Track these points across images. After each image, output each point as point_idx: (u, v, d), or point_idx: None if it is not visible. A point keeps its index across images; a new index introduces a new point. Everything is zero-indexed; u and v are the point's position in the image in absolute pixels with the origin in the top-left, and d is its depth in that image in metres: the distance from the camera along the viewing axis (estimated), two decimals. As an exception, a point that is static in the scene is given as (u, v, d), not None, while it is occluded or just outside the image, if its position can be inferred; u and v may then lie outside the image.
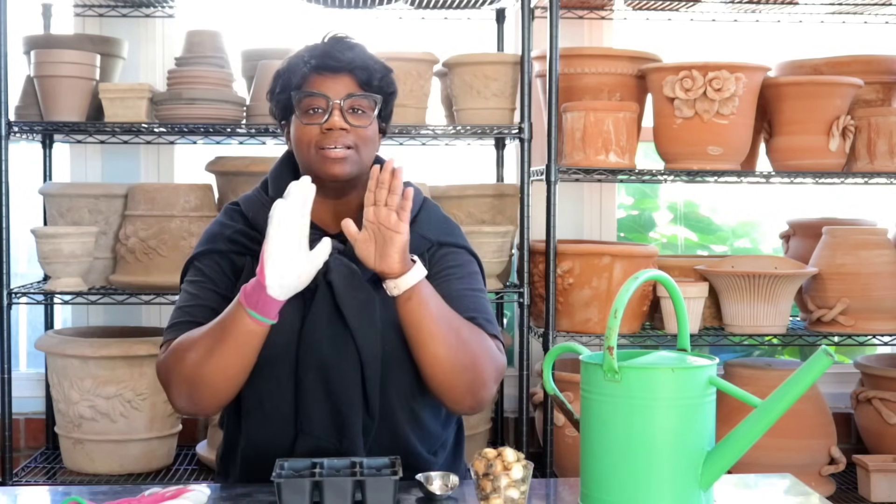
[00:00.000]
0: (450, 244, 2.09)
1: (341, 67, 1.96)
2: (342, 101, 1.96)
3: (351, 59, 1.97)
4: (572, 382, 3.02)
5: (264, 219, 1.89)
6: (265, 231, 1.85)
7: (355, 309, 1.95)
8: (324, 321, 1.95)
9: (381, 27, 3.70)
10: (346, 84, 1.97)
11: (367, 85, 1.99)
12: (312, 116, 1.97)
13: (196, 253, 2.06)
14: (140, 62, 3.64)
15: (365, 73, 1.98)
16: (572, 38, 3.65)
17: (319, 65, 1.97)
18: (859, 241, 3.28)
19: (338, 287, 1.95)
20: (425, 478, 1.92)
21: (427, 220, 2.09)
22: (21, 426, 3.62)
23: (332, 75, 1.97)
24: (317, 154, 1.97)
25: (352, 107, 1.97)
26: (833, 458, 3.28)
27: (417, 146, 3.53)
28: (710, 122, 3.16)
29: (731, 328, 3.24)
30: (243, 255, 2.03)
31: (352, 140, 1.97)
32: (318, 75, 1.97)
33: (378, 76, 2.00)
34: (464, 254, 2.10)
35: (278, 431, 2.00)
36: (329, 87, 1.96)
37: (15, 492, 2.28)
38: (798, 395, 1.70)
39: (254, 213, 2.04)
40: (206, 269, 2.03)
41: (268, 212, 1.88)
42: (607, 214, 3.81)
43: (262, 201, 2.04)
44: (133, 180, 3.56)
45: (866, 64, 3.43)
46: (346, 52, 1.98)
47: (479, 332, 2.00)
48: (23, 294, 3.17)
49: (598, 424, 1.76)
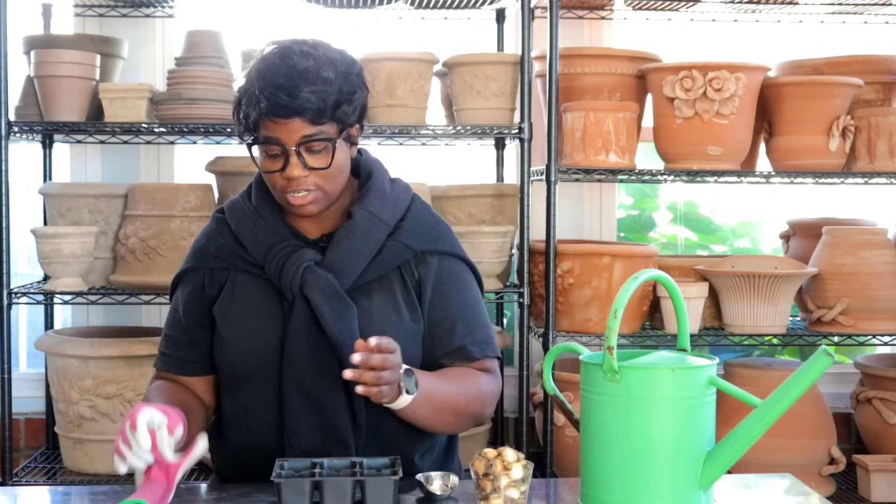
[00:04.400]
0: (439, 252, 2.04)
1: (291, 112, 1.87)
2: (297, 147, 1.89)
3: (300, 101, 1.86)
4: (572, 382, 3.02)
5: (247, 230, 1.98)
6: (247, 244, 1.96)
7: (334, 320, 1.92)
8: (303, 334, 1.93)
9: (381, 27, 3.70)
10: (298, 127, 1.88)
11: (321, 119, 1.89)
12: (273, 161, 1.92)
13: (182, 270, 2.07)
14: (140, 62, 3.64)
15: (316, 112, 1.88)
16: (572, 38, 3.65)
17: (269, 111, 1.87)
18: (859, 241, 3.28)
19: (314, 300, 1.92)
20: (425, 478, 1.92)
21: (413, 226, 2.03)
22: (21, 426, 3.62)
23: (283, 120, 1.88)
24: (283, 198, 1.95)
25: (309, 149, 1.90)
26: (833, 458, 3.28)
27: (417, 146, 3.53)
28: (710, 122, 3.16)
29: (731, 328, 3.24)
30: (226, 269, 2.02)
31: (312, 182, 1.92)
32: (270, 121, 1.89)
33: (332, 103, 1.89)
34: (457, 263, 2.07)
35: (263, 445, 1.98)
36: (282, 131, 1.89)
37: (15, 492, 2.28)
38: (798, 395, 1.70)
39: (236, 223, 2.03)
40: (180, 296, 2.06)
41: (250, 223, 1.98)
42: (607, 214, 3.81)
43: (246, 210, 2.03)
44: (133, 180, 3.55)
45: (866, 64, 3.43)
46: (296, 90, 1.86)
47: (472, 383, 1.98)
48: (23, 294, 3.17)
49: (598, 424, 1.76)
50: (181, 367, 2.06)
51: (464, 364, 2.02)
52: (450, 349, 2.01)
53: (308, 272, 1.93)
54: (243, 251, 1.99)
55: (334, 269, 1.94)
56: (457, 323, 2.01)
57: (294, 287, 1.92)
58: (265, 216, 2.00)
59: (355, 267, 1.96)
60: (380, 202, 2.01)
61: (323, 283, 1.92)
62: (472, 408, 1.99)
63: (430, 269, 2.02)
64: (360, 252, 1.96)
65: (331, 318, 1.91)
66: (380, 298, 1.98)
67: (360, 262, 1.96)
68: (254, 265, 1.99)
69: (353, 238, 1.96)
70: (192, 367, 2.05)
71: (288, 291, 1.94)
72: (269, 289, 1.98)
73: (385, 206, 2.01)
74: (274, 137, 1.90)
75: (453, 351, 2.01)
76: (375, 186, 2.04)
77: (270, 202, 2.01)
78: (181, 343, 2.06)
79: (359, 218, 1.98)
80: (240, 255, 1.99)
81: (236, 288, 2.00)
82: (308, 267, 1.93)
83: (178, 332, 2.06)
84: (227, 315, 1.99)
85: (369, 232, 1.97)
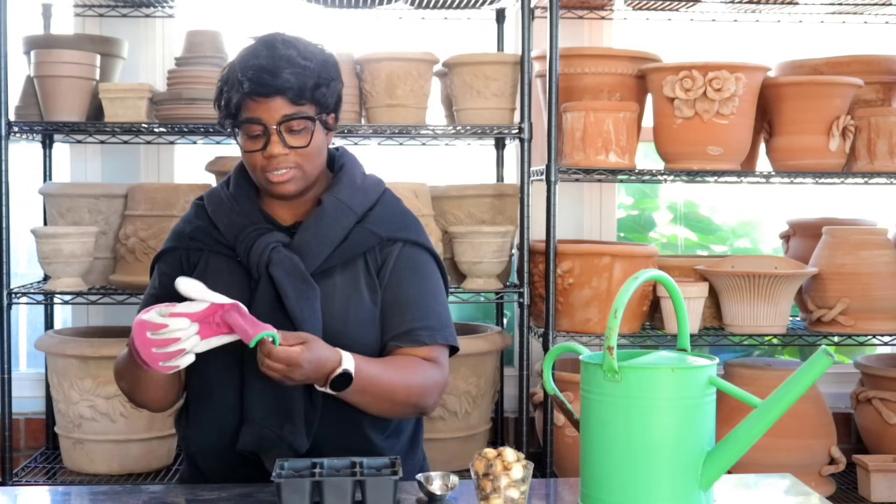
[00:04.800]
0: (403, 239, 2.10)
1: (272, 92, 1.97)
2: (278, 126, 1.99)
3: (282, 81, 1.96)
4: (572, 382, 3.02)
5: (223, 214, 2.07)
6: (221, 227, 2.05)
7: (296, 300, 1.98)
8: (266, 311, 1.97)
9: (381, 27, 3.70)
10: (279, 106, 1.98)
11: (301, 100, 1.99)
12: (254, 141, 2.01)
13: (161, 251, 2.16)
14: (140, 62, 3.64)
15: (297, 91, 1.98)
16: (572, 38, 3.65)
17: (251, 91, 1.98)
18: (859, 241, 3.28)
19: (279, 279, 1.99)
20: (425, 478, 1.92)
21: (381, 215, 2.10)
22: (21, 426, 3.62)
23: (265, 100, 1.98)
24: (263, 177, 2.03)
25: (289, 128, 2.00)
26: (833, 458, 3.28)
27: (417, 146, 3.53)
28: (710, 122, 3.16)
29: (731, 328, 3.24)
30: (200, 251, 2.10)
31: (293, 161, 2.01)
32: (251, 101, 1.99)
33: (311, 86, 1.99)
34: (420, 252, 2.12)
35: (223, 419, 2.03)
36: (264, 111, 1.98)
37: (15, 492, 2.28)
38: (798, 395, 1.70)
39: (214, 209, 2.11)
40: (158, 274, 2.13)
41: (226, 207, 2.07)
42: (607, 214, 3.81)
43: (224, 197, 2.11)
44: (133, 180, 3.56)
45: (866, 64, 3.43)
46: (277, 71, 1.97)
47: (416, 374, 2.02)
48: (23, 294, 3.17)
49: (598, 424, 1.76)
50: None
51: (412, 348, 2.05)
52: (399, 331, 2.06)
53: (274, 252, 2.00)
54: (217, 233, 2.08)
55: (300, 252, 2.01)
56: (409, 306, 2.07)
57: (260, 266, 2.00)
58: (241, 202, 2.09)
59: (321, 250, 2.03)
60: (349, 191, 2.09)
61: (288, 262, 2.00)
62: (412, 399, 2.03)
63: (392, 255, 2.09)
64: (326, 237, 2.03)
65: (293, 296, 1.98)
66: (342, 281, 2.05)
67: (326, 246, 2.03)
68: (226, 247, 2.07)
69: (320, 223, 2.04)
70: None
71: (254, 270, 2.01)
72: (239, 269, 2.05)
73: (354, 195, 2.09)
74: (255, 117, 1.99)
75: (402, 334, 2.05)
76: (346, 177, 2.12)
77: (247, 190, 2.11)
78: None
79: (328, 205, 2.06)
80: (214, 237, 2.08)
81: (208, 268, 2.08)
82: (275, 248, 2.01)
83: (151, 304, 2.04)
84: None
85: (337, 218, 2.05)
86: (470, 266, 3.22)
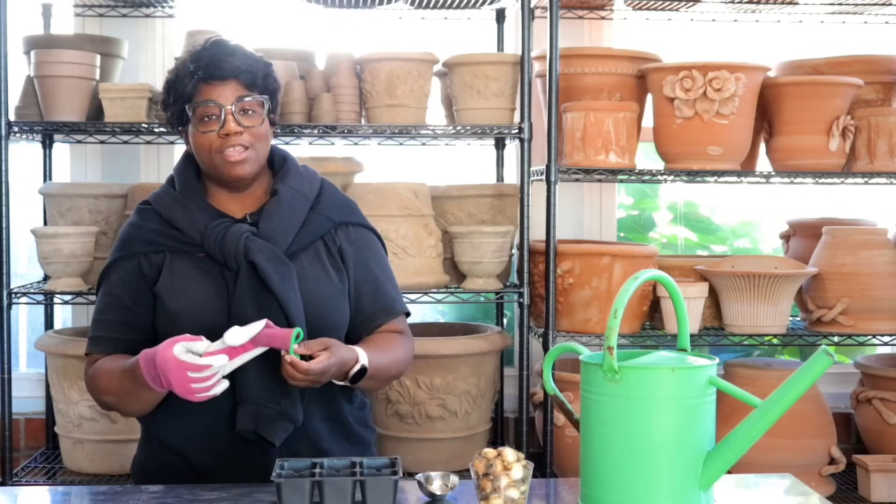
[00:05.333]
0: (352, 223, 2.27)
1: (227, 74, 2.11)
2: (233, 106, 2.11)
3: (235, 65, 2.11)
4: (572, 382, 3.02)
5: (179, 213, 2.14)
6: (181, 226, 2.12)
7: (280, 283, 2.09)
8: (250, 297, 2.09)
9: (381, 27, 3.70)
10: (233, 89, 2.11)
11: (253, 86, 2.13)
12: (208, 124, 2.12)
13: (111, 260, 2.19)
14: (140, 62, 3.64)
15: (249, 76, 2.12)
16: (572, 38, 3.65)
17: (206, 75, 2.11)
18: (859, 241, 3.28)
19: (261, 264, 2.09)
20: (425, 478, 1.92)
21: (329, 201, 2.25)
22: (21, 426, 3.62)
23: (219, 83, 2.11)
24: (219, 158, 2.12)
25: (242, 109, 2.12)
26: (833, 458, 3.28)
27: (417, 146, 3.53)
28: (710, 122, 3.16)
29: (731, 328, 3.24)
30: (161, 252, 2.16)
31: (247, 140, 2.12)
32: (206, 84, 2.11)
33: (261, 75, 2.15)
34: (367, 233, 2.29)
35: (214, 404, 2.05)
36: (218, 94, 2.11)
37: (15, 492, 2.28)
38: (798, 395, 1.71)
39: (167, 210, 2.18)
40: (116, 281, 2.17)
41: (180, 207, 2.15)
42: (607, 214, 3.81)
43: (174, 198, 2.19)
44: (133, 180, 3.55)
45: (866, 64, 3.43)
46: (229, 58, 2.11)
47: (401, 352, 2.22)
48: (23, 294, 3.17)
49: (598, 424, 1.76)
50: (125, 347, 2.14)
51: (391, 322, 2.25)
52: (377, 307, 2.24)
53: (249, 241, 2.10)
54: (177, 233, 2.15)
55: (269, 239, 2.12)
56: (379, 283, 2.25)
57: (238, 255, 2.09)
58: (193, 200, 2.18)
59: (287, 236, 2.15)
60: (298, 180, 2.22)
61: (266, 249, 2.10)
62: (399, 372, 2.26)
63: (348, 239, 2.24)
64: (289, 223, 2.16)
65: (276, 279, 2.09)
66: (308, 264, 2.17)
67: (290, 231, 2.15)
68: (189, 244, 2.14)
69: (282, 210, 2.16)
70: (137, 346, 2.10)
71: (232, 260, 2.10)
72: (207, 263, 2.13)
73: (303, 183, 2.22)
74: (210, 99, 2.11)
75: (380, 309, 2.24)
76: (293, 167, 2.25)
77: (195, 188, 2.19)
78: (123, 325, 2.15)
79: (284, 193, 2.18)
80: (174, 237, 2.15)
81: (174, 267, 2.14)
82: (248, 237, 2.11)
83: (121, 314, 2.15)
84: (170, 290, 2.13)
85: (294, 206, 2.18)
86: (470, 266, 3.22)
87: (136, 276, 2.14)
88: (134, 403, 2.09)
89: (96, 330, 2.18)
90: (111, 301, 2.16)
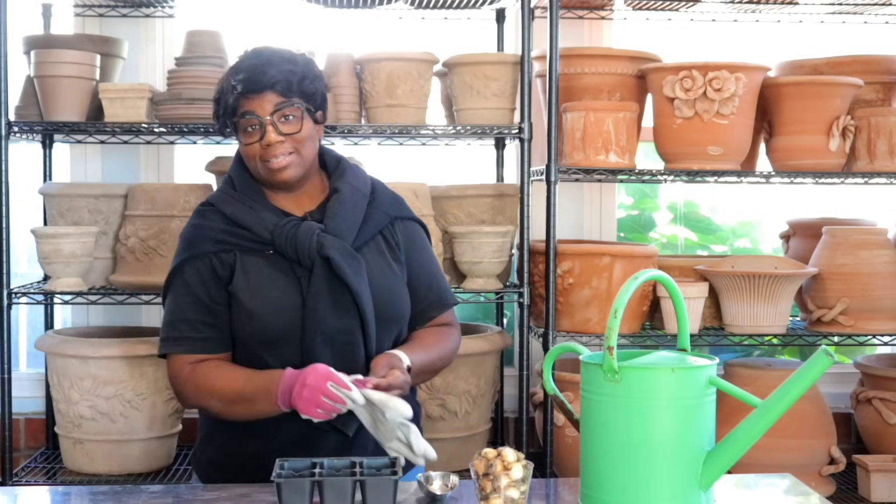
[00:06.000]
0: (404, 217, 2.36)
1: (263, 87, 2.18)
2: (271, 116, 2.18)
3: (271, 76, 2.18)
4: (572, 382, 3.02)
5: (245, 213, 2.20)
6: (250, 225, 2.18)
7: (354, 276, 2.18)
8: (325, 292, 2.17)
9: (381, 27, 3.70)
10: (270, 100, 2.19)
11: (289, 93, 2.19)
12: (251, 135, 2.20)
13: (179, 262, 2.24)
14: (140, 62, 3.64)
15: (285, 85, 2.19)
16: (572, 38, 3.65)
17: (245, 89, 2.19)
18: (859, 241, 3.28)
19: (335, 259, 2.16)
20: (425, 478, 1.92)
21: (383, 197, 2.35)
22: (21, 426, 3.62)
23: (257, 95, 2.18)
24: (263, 167, 2.21)
25: (282, 116, 2.19)
26: (833, 458, 3.28)
27: (417, 146, 3.53)
28: (710, 122, 3.16)
29: (731, 328, 3.24)
30: (230, 251, 2.20)
31: (290, 146, 2.20)
32: (245, 98, 2.19)
33: (297, 80, 2.21)
34: (417, 227, 2.40)
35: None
36: (257, 105, 2.19)
37: (15, 492, 2.29)
38: (798, 395, 1.71)
39: (232, 210, 2.23)
40: (191, 280, 2.21)
41: (246, 207, 2.21)
42: (607, 214, 3.81)
43: (236, 198, 2.25)
44: (133, 180, 3.56)
45: (866, 64, 3.43)
46: (265, 70, 2.18)
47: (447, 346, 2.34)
48: (23, 294, 3.17)
49: (598, 424, 1.76)
50: (204, 346, 2.20)
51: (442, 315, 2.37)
52: (431, 300, 2.35)
53: (322, 237, 2.18)
54: (246, 232, 2.20)
55: (337, 235, 2.20)
56: (432, 276, 2.37)
57: (312, 252, 2.16)
58: (256, 199, 2.24)
59: (352, 231, 2.23)
60: (355, 178, 2.31)
61: (338, 244, 2.18)
62: (444, 365, 2.37)
63: (403, 233, 2.35)
64: (352, 219, 2.24)
65: (350, 272, 2.17)
66: (372, 257, 2.26)
67: (354, 227, 2.24)
68: (258, 242, 2.20)
69: (345, 207, 2.24)
70: (223, 344, 2.21)
71: (306, 257, 2.17)
72: (278, 261, 2.20)
73: (360, 181, 2.31)
74: (250, 111, 2.18)
75: (435, 301, 2.36)
76: (348, 166, 2.34)
77: (254, 189, 2.26)
78: (202, 323, 2.20)
79: (345, 191, 2.26)
80: (243, 235, 2.21)
81: (247, 266, 2.20)
82: (320, 233, 2.18)
83: (201, 313, 2.20)
84: (246, 290, 2.18)
85: (355, 202, 2.26)
86: (470, 266, 3.22)
87: (210, 274, 2.20)
88: (243, 411, 2.15)
89: (173, 330, 2.22)
90: (189, 300, 2.21)
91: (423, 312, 2.34)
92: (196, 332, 2.20)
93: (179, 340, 2.21)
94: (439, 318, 2.37)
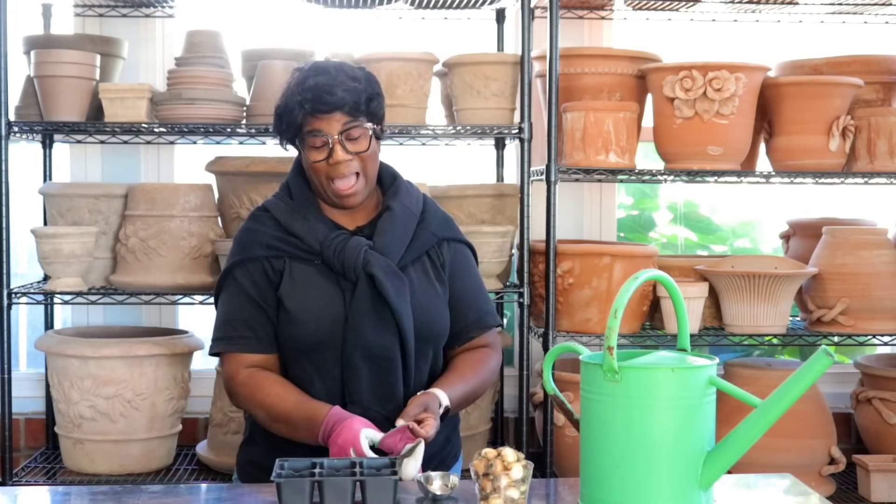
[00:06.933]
0: (452, 239, 2.38)
1: (332, 108, 2.20)
2: (340, 136, 2.21)
3: (340, 96, 2.20)
4: (572, 382, 3.02)
5: (298, 223, 2.25)
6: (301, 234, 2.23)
7: (395, 295, 2.21)
8: (367, 307, 2.20)
9: (381, 27, 3.70)
10: (338, 119, 2.21)
11: (357, 112, 2.22)
12: (318, 152, 2.23)
13: (232, 263, 2.29)
14: (140, 62, 3.64)
15: (353, 106, 2.21)
16: (572, 38, 3.65)
17: (314, 109, 2.20)
18: (859, 241, 3.28)
19: (379, 277, 2.20)
20: (425, 478, 1.92)
21: (433, 217, 2.37)
22: (21, 426, 3.62)
23: (326, 115, 2.21)
24: (329, 187, 2.24)
25: (349, 136, 2.22)
26: (833, 458, 3.28)
27: (417, 146, 3.53)
28: (710, 122, 3.16)
29: (731, 328, 3.24)
30: (281, 258, 2.25)
31: (357, 165, 2.24)
32: (313, 118, 2.21)
33: (365, 100, 2.23)
34: (465, 249, 2.42)
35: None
36: (325, 124, 2.21)
37: (15, 492, 2.28)
38: (798, 395, 1.71)
39: (286, 218, 2.28)
40: (244, 281, 2.26)
41: (300, 217, 2.26)
42: (607, 214, 3.81)
43: (292, 207, 2.29)
44: (133, 180, 3.56)
45: (866, 64, 3.42)
46: (334, 90, 2.20)
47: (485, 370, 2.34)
48: (23, 294, 3.17)
49: (598, 424, 1.76)
50: (256, 346, 2.25)
51: (482, 336, 2.38)
52: (470, 320, 2.36)
53: (368, 254, 2.22)
54: (297, 241, 2.25)
55: (384, 252, 2.24)
56: (473, 299, 2.37)
57: (357, 267, 2.21)
58: (312, 211, 2.29)
59: (399, 250, 2.26)
60: (408, 198, 2.34)
61: (383, 263, 2.22)
62: (486, 390, 2.40)
63: (449, 254, 2.36)
64: (400, 238, 2.27)
65: (392, 291, 2.20)
66: (417, 276, 2.29)
67: (401, 246, 2.27)
68: (308, 252, 2.25)
69: (395, 226, 2.28)
70: (264, 348, 2.25)
71: (351, 272, 2.21)
72: (326, 272, 2.24)
73: (412, 201, 2.35)
74: (318, 129, 2.21)
75: (473, 322, 2.36)
76: (403, 185, 2.37)
77: (310, 200, 2.30)
78: (256, 322, 2.25)
79: (397, 210, 2.30)
80: (294, 244, 2.25)
81: (294, 272, 2.24)
82: (367, 250, 2.22)
83: (254, 313, 2.25)
84: (292, 296, 2.23)
85: (406, 222, 2.30)
86: (470, 266, 3.22)
87: (263, 277, 2.25)
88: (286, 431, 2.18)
89: (228, 329, 2.26)
90: (244, 300, 2.25)
91: (462, 332, 2.36)
92: (249, 332, 2.24)
93: (235, 340, 2.25)
94: (479, 340, 2.38)
